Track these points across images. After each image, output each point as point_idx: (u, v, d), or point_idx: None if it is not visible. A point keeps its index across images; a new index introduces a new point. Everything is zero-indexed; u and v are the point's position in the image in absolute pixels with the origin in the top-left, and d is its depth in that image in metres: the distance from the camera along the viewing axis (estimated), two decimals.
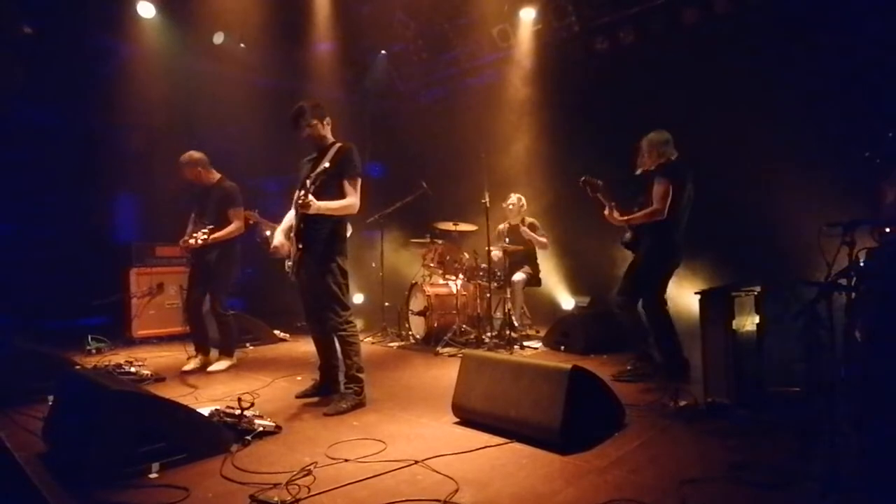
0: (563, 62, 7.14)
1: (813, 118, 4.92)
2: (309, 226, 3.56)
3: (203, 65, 7.34)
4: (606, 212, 4.28)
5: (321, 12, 7.63)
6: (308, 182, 3.47)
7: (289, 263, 3.72)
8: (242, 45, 7.31)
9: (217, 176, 4.92)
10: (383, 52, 8.53)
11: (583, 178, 4.30)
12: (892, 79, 4.44)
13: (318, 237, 3.59)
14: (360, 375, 3.70)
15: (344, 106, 8.44)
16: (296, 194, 3.76)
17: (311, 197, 3.35)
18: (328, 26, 7.75)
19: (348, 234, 3.84)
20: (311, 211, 3.39)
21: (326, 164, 3.45)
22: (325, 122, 3.70)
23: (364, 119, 9.09)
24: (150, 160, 7.27)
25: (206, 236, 4.51)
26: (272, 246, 3.77)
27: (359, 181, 3.64)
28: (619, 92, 6.36)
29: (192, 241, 4.55)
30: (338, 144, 3.68)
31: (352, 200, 3.59)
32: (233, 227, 4.76)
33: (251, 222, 5.57)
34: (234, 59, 7.49)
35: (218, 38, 7.11)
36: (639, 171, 4.26)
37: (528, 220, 6.11)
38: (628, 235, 4.33)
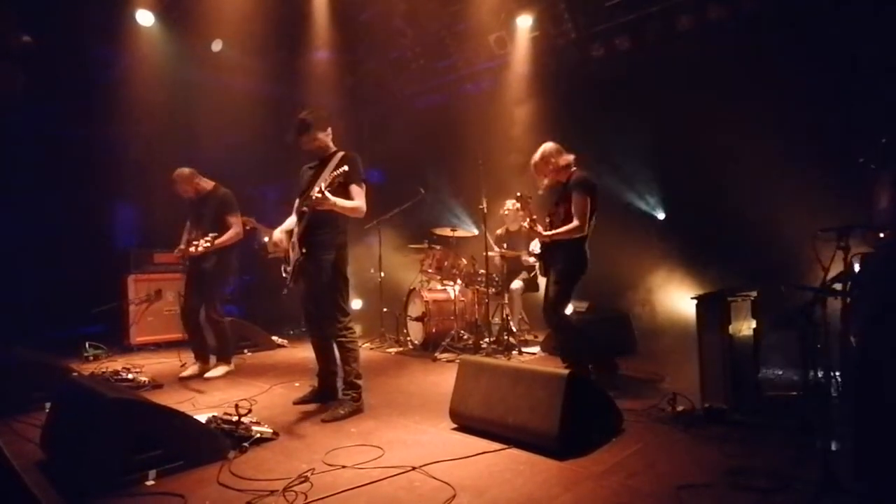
0: (559, 69, 7.18)
1: (808, 123, 4.96)
2: (312, 232, 3.60)
3: (201, 72, 7.37)
4: (528, 223, 4.16)
5: (319, 20, 7.67)
6: (322, 183, 3.49)
7: (287, 269, 3.74)
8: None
9: (211, 184, 4.94)
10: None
11: (518, 194, 4.26)
12: (887, 85, 4.47)
13: (320, 243, 3.62)
14: (359, 382, 3.70)
15: (342, 112, 8.47)
16: (297, 201, 3.80)
17: (327, 193, 3.37)
18: (326, 34, 7.79)
19: None
20: (327, 206, 3.41)
21: (345, 168, 3.45)
22: (327, 133, 3.75)
23: (362, 125, 9.12)
24: (149, 167, 7.27)
25: (208, 244, 4.53)
26: (273, 240, 3.81)
27: (364, 187, 3.69)
28: (615, 98, 6.40)
29: (191, 249, 4.57)
30: (341, 153, 3.72)
31: (360, 203, 3.63)
32: (232, 233, 4.78)
33: (248, 227, 5.59)
34: (233, 67, 7.52)
35: (216, 46, 7.14)
36: (542, 190, 4.24)
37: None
38: (537, 246, 4.30)
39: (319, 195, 3.34)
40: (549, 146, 4.17)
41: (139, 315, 6.13)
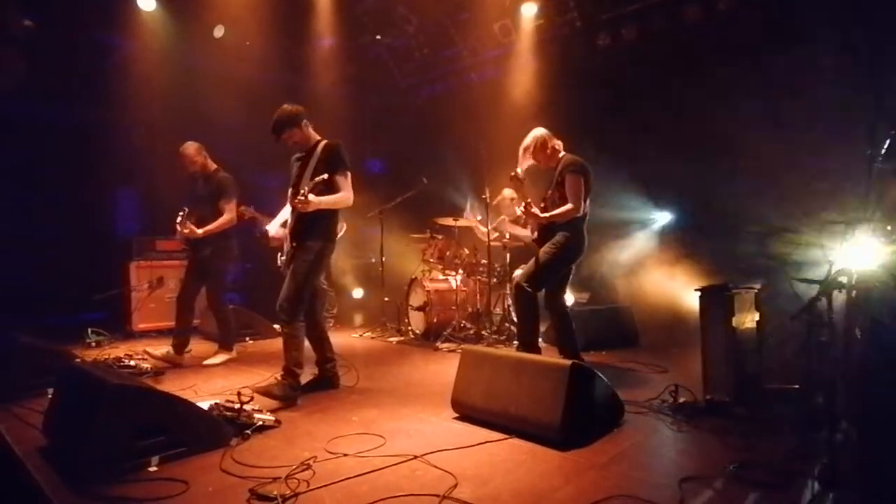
0: (564, 58, 7.12)
1: (816, 115, 4.91)
2: (304, 224, 3.61)
3: (203, 59, 7.32)
4: (523, 207, 4.08)
5: (322, 7, 7.61)
6: (303, 183, 3.51)
7: (282, 258, 3.77)
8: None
9: (214, 166, 4.94)
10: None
11: (512, 174, 4.20)
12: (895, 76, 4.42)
13: (310, 234, 3.64)
14: (298, 371, 3.65)
15: (344, 101, 8.42)
16: (289, 192, 3.79)
17: (310, 196, 3.36)
18: (329, 21, 7.73)
19: (342, 233, 3.81)
20: (311, 208, 3.40)
21: (324, 174, 3.44)
22: (303, 126, 3.70)
23: (365, 114, 9.07)
24: (151, 154, 7.24)
25: (197, 229, 4.55)
26: (270, 234, 3.81)
27: (349, 175, 3.68)
28: (621, 88, 6.35)
29: (178, 225, 4.56)
30: (323, 142, 3.71)
31: (345, 194, 3.63)
32: (224, 220, 4.75)
33: (246, 217, 5.55)
34: (235, 54, 7.46)
35: (218, 32, 7.08)
36: (522, 172, 4.21)
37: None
38: (534, 230, 4.29)
39: (303, 199, 3.33)
40: (540, 131, 4.19)
41: (141, 302, 6.14)
